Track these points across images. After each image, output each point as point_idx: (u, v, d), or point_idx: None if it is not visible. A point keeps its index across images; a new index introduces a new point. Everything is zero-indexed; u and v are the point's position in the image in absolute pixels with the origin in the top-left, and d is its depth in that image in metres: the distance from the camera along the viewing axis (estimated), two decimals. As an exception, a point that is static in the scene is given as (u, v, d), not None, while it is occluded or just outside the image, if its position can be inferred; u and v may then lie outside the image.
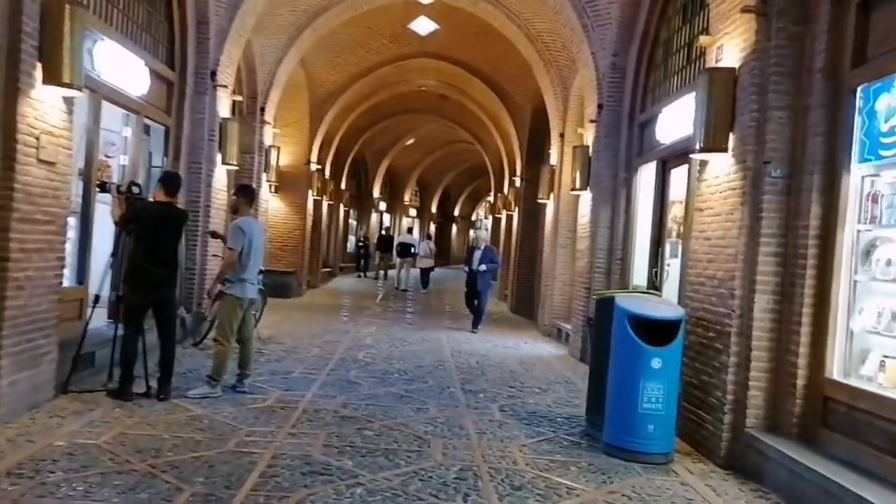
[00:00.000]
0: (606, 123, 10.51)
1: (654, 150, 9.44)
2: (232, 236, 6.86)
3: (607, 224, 10.48)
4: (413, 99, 22.88)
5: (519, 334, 13.46)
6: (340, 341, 10.80)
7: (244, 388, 6.97)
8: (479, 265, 13.22)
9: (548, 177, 13.97)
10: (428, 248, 23.86)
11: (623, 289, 10.11)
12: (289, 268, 16.97)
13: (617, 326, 5.82)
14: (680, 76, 8.90)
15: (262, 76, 12.52)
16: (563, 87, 13.37)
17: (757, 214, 5.62)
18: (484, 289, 13.44)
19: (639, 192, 10.19)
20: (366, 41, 16.82)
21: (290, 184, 16.96)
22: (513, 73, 17.44)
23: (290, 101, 16.61)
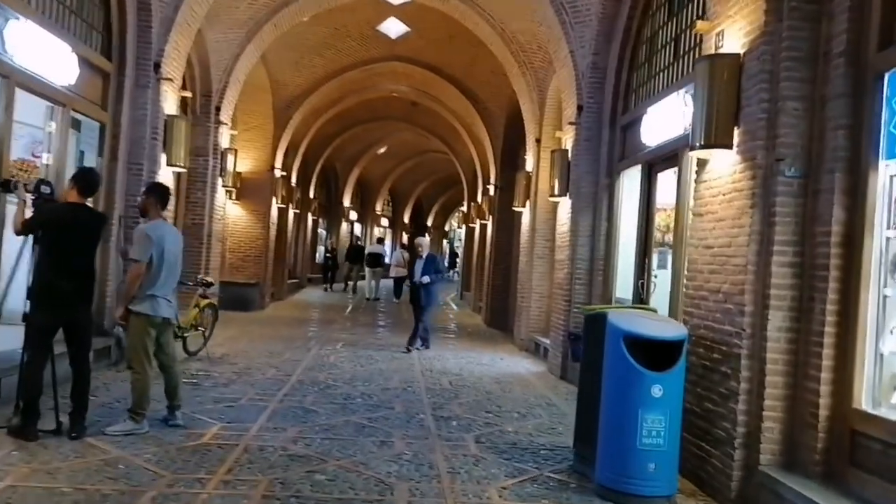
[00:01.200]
0: (586, 126, 9.78)
1: (638, 153, 8.72)
2: (137, 245, 5.79)
3: (588, 232, 9.72)
4: (384, 105, 22.08)
5: (495, 349, 12.64)
6: (301, 360, 9.88)
7: (178, 420, 6.01)
8: (421, 276, 11.49)
9: (524, 184, 13.20)
10: (402, 258, 23.09)
11: (606, 302, 9.36)
12: (250, 279, 15.99)
13: (610, 347, 5.02)
14: (666, 74, 8.19)
15: (217, 73, 11.61)
16: (539, 90, 12.63)
17: (769, 219, 4.86)
18: (428, 304, 11.66)
19: (622, 198, 9.47)
20: (333, 42, 15.99)
21: (252, 190, 16.03)
22: (486, 78, 16.74)
23: (252, 103, 15.71)
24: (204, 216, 11.67)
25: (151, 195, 6.06)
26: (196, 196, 11.73)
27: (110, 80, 8.52)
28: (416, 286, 11.60)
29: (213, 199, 11.88)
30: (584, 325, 5.66)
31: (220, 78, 11.69)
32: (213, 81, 11.58)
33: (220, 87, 11.71)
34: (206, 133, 11.65)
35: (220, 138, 11.92)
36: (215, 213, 11.99)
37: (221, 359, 9.51)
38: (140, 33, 8.69)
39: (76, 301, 5.39)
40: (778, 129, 4.85)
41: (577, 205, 9.80)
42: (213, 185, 11.87)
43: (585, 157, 9.77)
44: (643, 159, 8.50)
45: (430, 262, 11.64)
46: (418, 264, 11.66)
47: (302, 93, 16.64)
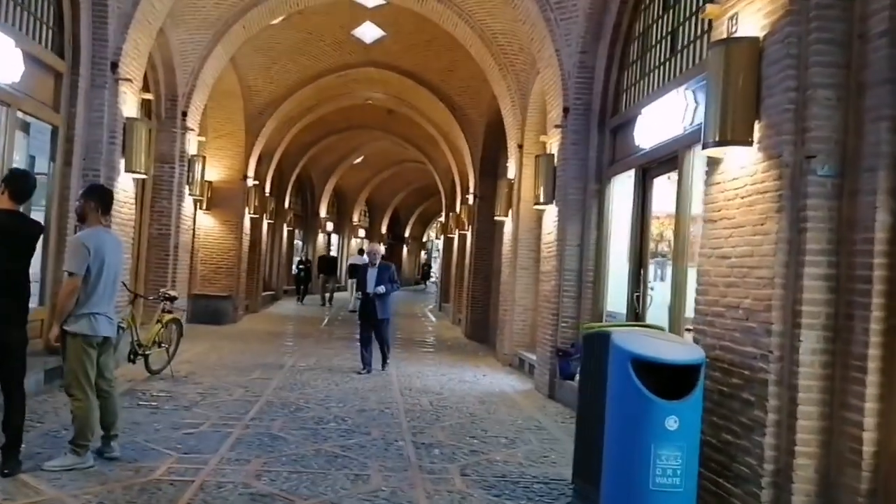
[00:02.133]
0: (574, 129, 9.11)
1: (631, 157, 8.06)
2: (71, 256, 4.97)
3: (576, 242, 9.04)
4: (359, 114, 21.34)
5: (476, 364, 11.89)
6: (272, 378, 9.06)
7: (114, 452, 5.15)
8: (375, 287, 10.23)
9: (505, 192, 12.51)
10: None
11: (597, 316, 8.68)
12: (222, 292, 15.11)
13: (616, 372, 4.30)
14: (662, 71, 7.55)
15: (183, 76, 10.79)
16: (521, 94, 11.96)
17: (798, 225, 4.18)
18: (385, 316, 10.38)
19: (612, 205, 8.81)
20: (305, 47, 15.23)
21: (223, 200, 15.17)
22: (464, 84, 16.08)
23: (223, 109, 14.90)
24: (170, 226, 10.82)
25: (91, 199, 5.14)
26: (161, 205, 10.88)
27: (63, 79, 7.72)
28: (369, 298, 10.30)
29: (179, 208, 11.03)
30: (584, 346, 4.95)
31: (187, 81, 10.87)
32: (178, 84, 10.76)
33: (187, 90, 10.89)
34: (172, 139, 10.82)
35: (187, 145, 11.09)
36: (182, 224, 11.15)
37: (186, 378, 8.67)
38: (95, 30, 7.89)
39: (5, 321, 4.56)
40: (807, 122, 4.17)
41: (565, 213, 9.12)
42: (180, 194, 11.03)
43: (573, 161, 9.10)
44: (637, 163, 7.85)
45: (384, 271, 10.42)
46: (371, 273, 10.36)
47: (275, 99, 15.84)
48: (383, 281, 10.25)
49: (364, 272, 10.43)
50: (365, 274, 10.40)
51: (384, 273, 10.35)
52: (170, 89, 10.78)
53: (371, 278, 10.29)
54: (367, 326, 10.33)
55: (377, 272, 10.33)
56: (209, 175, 15.00)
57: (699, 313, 5.09)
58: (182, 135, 10.92)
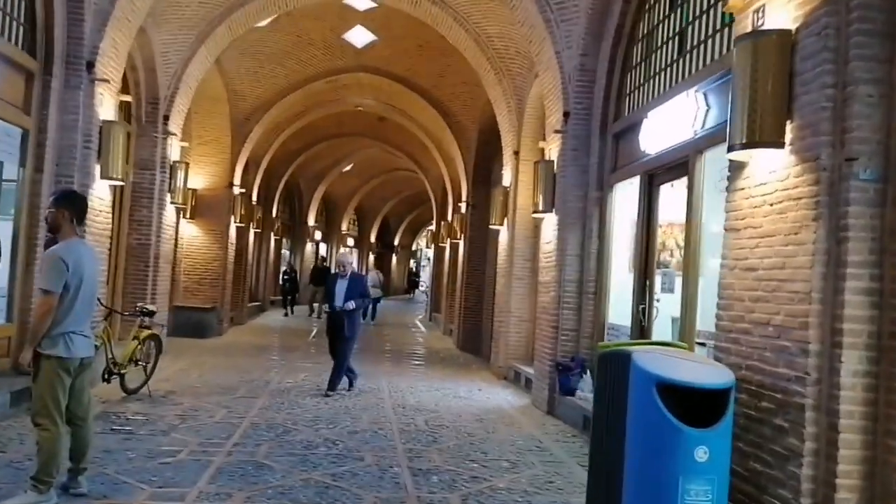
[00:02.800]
0: (574, 134, 8.75)
1: (635, 163, 7.70)
2: (47, 272, 4.48)
3: (576, 251, 8.66)
4: (349, 120, 20.95)
5: (470, 377, 11.47)
6: (257, 397, 8.60)
7: (81, 487, 4.65)
8: (344, 301, 9.08)
9: (500, 199, 12.12)
10: (376, 279, 22.01)
11: (599, 329, 8.30)
12: (206, 303, 14.62)
13: (637, 396, 3.90)
14: (669, 73, 7.20)
15: (165, 78, 10.34)
16: (517, 99, 11.60)
17: (838, 234, 3.81)
18: (352, 335, 9.21)
19: (614, 213, 8.45)
20: (294, 51, 14.82)
21: (208, 209, 14.70)
22: (457, 89, 15.73)
23: (208, 115, 14.46)
24: (150, 236, 10.35)
25: (64, 207, 4.62)
26: (141, 214, 10.40)
27: (34, 79, 7.27)
28: (336, 313, 9.15)
29: (160, 216, 10.56)
30: (598, 366, 4.54)
31: (169, 83, 10.42)
32: (160, 87, 10.31)
33: (169, 93, 10.44)
34: (153, 144, 10.36)
35: (168, 150, 10.63)
36: (164, 233, 10.67)
37: (165, 398, 8.20)
38: (70, 27, 7.45)
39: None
40: (847, 121, 3.81)
41: (565, 221, 8.74)
42: (161, 202, 10.56)
43: (573, 168, 8.73)
44: (642, 169, 7.49)
45: (354, 283, 9.28)
46: (340, 285, 9.15)
47: (262, 105, 15.41)
48: (354, 295, 9.12)
49: (333, 284, 9.30)
50: (334, 286, 9.25)
51: (356, 286, 9.26)
52: (151, 92, 10.32)
53: (340, 291, 9.12)
54: (335, 343, 9.33)
55: (347, 284, 9.17)
56: (193, 182, 14.54)
57: (721, 330, 4.70)
58: (163, 140, 10.46)
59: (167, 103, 10.44)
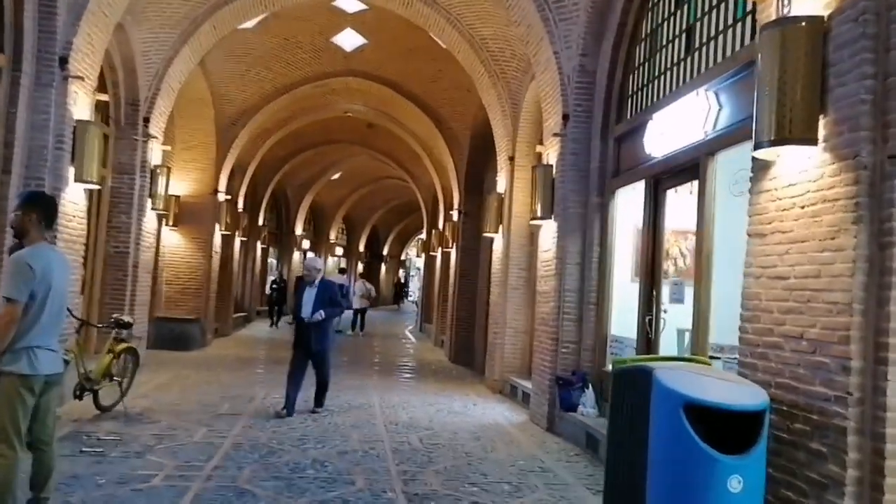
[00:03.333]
0: (574, 137, 8.42)
1: (639, 167, 7.38)
2: (12, 278, 4.05)
3: (577, 260, 8.31)
4: (338, 127, 20.57)
5: (464, 391, 11.07)
6: (240, 414, 8.18)
7: (41, 519, 4.27)
8: (311, 312, 8.20)
9: (495, 207, 11.76)
10: (364, 288, 21.60)
11: (601, 341, 7.95)
12: (190, 314, 14.15)
13: (662, 419, 3.55)
14: (676, 73, 6.89)
15: (146, 78, 9.93)
16: (512, 103, 11.27)
17: (881, 239, 3.48)
18: (322, 348, 8.42)
19: (617, 220, 8.11)
20: (282, 54, 14.45)
21: (192, 216, 14.26)
22: (449, 95, 15.40)
23: (192, 119, 14.06)
24: (129, 243, 9.91)
25: (32, 210, 4.21)
26: (119, 220, 9.96)
27: (1, 76, 6.85)
28: (304, 325, 8.28)
29: (140, 223, 10.13)
30: (614, 384, 4.17)
31: (150, 84, 10.01)
32: (140, 88, 9.89)
33: (150, 94, 10.03)
34: (133, 147, 9.94)
35: (149, 154, 10.20)
36: (143, 240, 10.23)
37: (142, 415, 7.76)
38: (42, 20, 7.03)
39: None
40: (890, 115, 3.48)
41: (564, 228, 8.39)
42: (141, 208, 10.13)
43: (573, 173, 8.39)
44: (647, 173, 7.16)
45: (325, 290, 8.35)
46: (308, 294, 8.28)
47: (248, 109, 15.01)
48: (324, 303, 8.22)
49: (300, 292, 8.42)
50: (301, 294, 8.39)
51: (326, 293, 8.33)
52: (130, 92, 9.90)
53: (308, 300, 8.23)
54: (302, 358, 8.41)
55: (317, 292, 8.26)
56: (176, 189, 14.11)
57: (746, 344, 4.34)
58: (144, 143, 10.04)
59: (148, 105, 10.03)
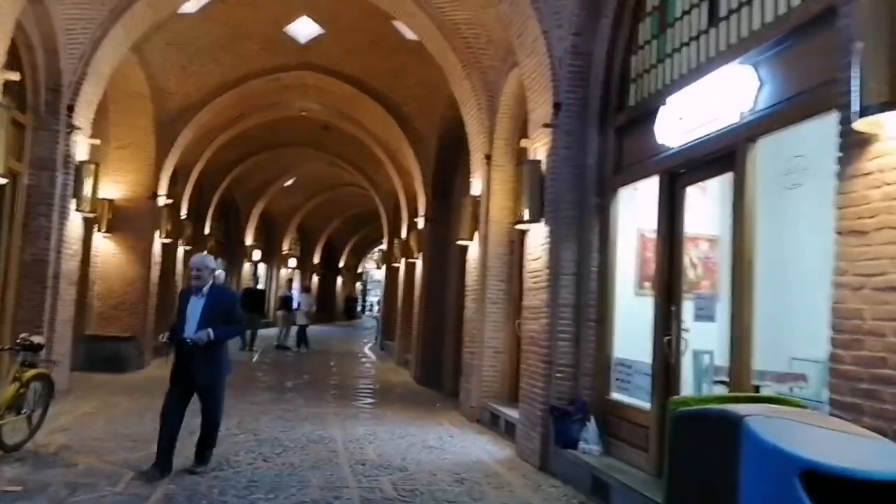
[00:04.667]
0: (567, 129, 7.46)
1: (648, 160, 6.46)
2: None
3: (572, 269, 7.33)
4: (291, 129, 19.38)
5: (437, 419, 9.97)
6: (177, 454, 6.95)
7: None
8: (196, 329, 6.02)
9: (469, 211, 10.73)
10: (308, 302, 20.45)
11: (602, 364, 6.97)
12: (125, 332, 12.78)
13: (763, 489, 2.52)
14: (696, 47, 5.97)
15: (69, 61, 8.67)
16: (488, 96, 10.27)
17: None
18: (212, 381, 6.26)
19: (619, 223, 7.16)
20: (230, 45, 13.26)
21: (127, 222, 12.92)
22: (415, 91, 14.39)
23: (128, 114, 12.78)
24: (49, 250, 8.59)
25: None
26: (38, 223, 8.64)
27: None
28: (187, 347, 6.01)
29: (62, 227, 8.81)
30: (675, 434, 3.14)
31: (75, 67, 8.74)
32: (63, 71, 8.62)
33: (75, 79, 8.76)
34: (54, 139, 8.65)
35: (73, 147, 8.91)
36: (66, 247, 8.91)
37: (56, 455, 6.50)
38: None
39: None
40: None
41: (557, 233, 7.40)
42: (64, 210, 8.82)
43: (566, 169, 7.43)
44: (660, 168, 6.23)
45: (218, 301, 6.14)
46: (194, 305, 6.08)
47: (192, 105, 13.76)
48: (214, 319, 6.02)
49: (184, 302, 6.22)
50: (185, 306, 6.17)
51: (219, 305, 6.12)
52: (52, 77, 8.62)
53: (193, 314, 6.04)
54: (182, 394, 6.20)
55: (205, 304, 6.06)
56: (110, 192, 12.81)
57: (841, 377, 3.37)
58: (67, 134, 8.75)
59: (72, 91, 8.76)
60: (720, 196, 7.05)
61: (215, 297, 6.20)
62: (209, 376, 6.20)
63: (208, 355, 6.10)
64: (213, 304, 6.12)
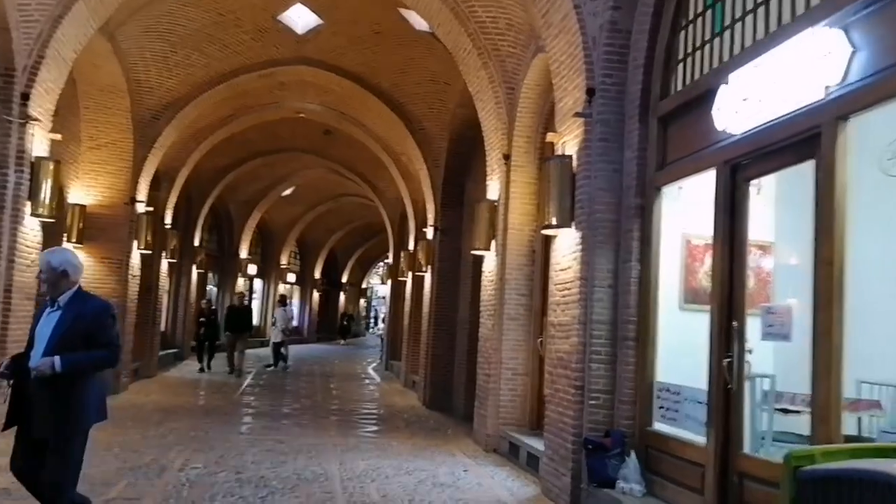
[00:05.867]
0: (603, 119, 6.75)
1: (702, 151, 5.76)
2: None
3: (608, 280, 6.60)
4: (289, 133, 18.78)
5: (448, 449, 9.18)
6: (140, 499, 6.19)
7: None
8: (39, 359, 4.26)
9: (485, 218, 9.98)
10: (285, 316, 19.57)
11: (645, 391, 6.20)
12: (98, 353, 12.02)
13: None
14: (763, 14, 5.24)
15: (23, 42, 7.91)
16: (507, 87, 9.56)
17: None
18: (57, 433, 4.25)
19: (663, 226, 6.41)
20: (217, 34, 12.60)
21: (101, 231, 12.17)
22: (423, 89, 13.71)
23: (102, 111, 12.12)
24: (0, 259, 7.86)
25: None
26: (-15, 228, 7.91)
27: None
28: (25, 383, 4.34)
29: (15, 234, 8.04)
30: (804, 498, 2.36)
31: (30, 49, 8.02)
32: (16, 53, 7.89)
33: (30, 62, 8.02)
34: (5, 132, 7.90)
35: (28, 141, 8.17)
36: (19, 257, 8.13)
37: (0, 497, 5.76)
38: None
39: None
40: None
41: (590, 239, 6.66)
42: (17, 214, 8.03)
43: (602, 165, 6.71)
44: (718, 159, 5.51)
45: (78, 316, 4.37)
46: (46, 322, 4.42)
47: (175, 101, 13.08)
48: (69, 342, 4.29)
49: (36, 320, 4.60)
50: (36, 322, 4.60)
51: (78, 320, 4.35)
52: (2, 60, 7.89)
53: (42, 335, 4.40)
54: (25, 449, 4.36)
55: (60, 319, 4.37)
56: (83, 197, 12.12)
57: None
58: (20, 126, 7.98)
59: (26, 76, 8.01)
60: (775, 196, 6.36)
61: (75, 310, 4.38)
62: (52, 425, 4.25)
63: (56, 394, 4.24)
64: (69, 321, 4.34)
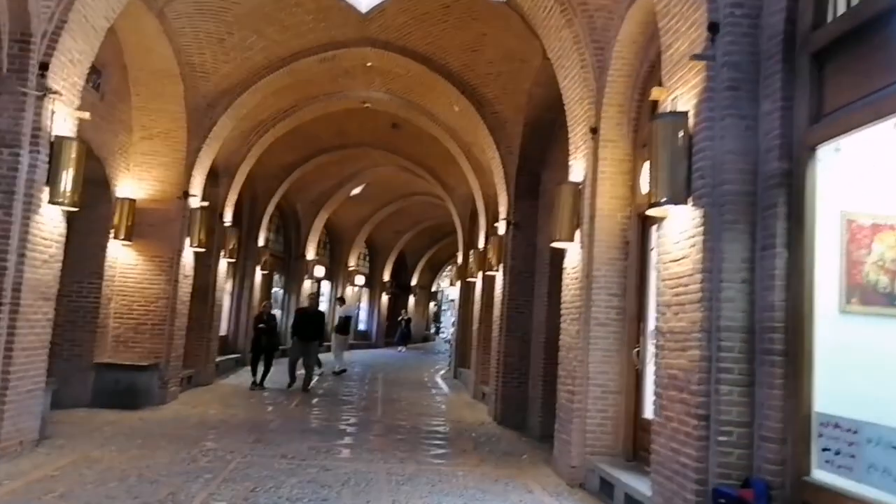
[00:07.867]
0: (731, 62, 5.04)
1: (884, 91, 3.95)
2: None
3: (742, 274, 4.88)
4: (356, 126, 17.45)
5: (524, 481, 7.53)
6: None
7: None
8: None
9: (568, 203, 8.26)
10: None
11: (802, 423, 4.44)
12: (144, 359, 10.81)
13: None
14: None
15: (42, 4, 6.70)
16: (595, 48, 7.89)
17: None
18: None
19: (819, 201, 4.64)
20: (276, 14, 11.30)
21: (152, 228, 11.04)
22: (496, 68, 12.15)
23: (154, 97, 10.99)
24: (8, 253, 6.59)
25: None
26: (-6, 218, 6.69)
27: None
28: None
29: (28, 223, 6.79)
30: None
31: (51, 12, 6.81)
32: (32, 17, 6.69)
33: (51, 27, 6.82)
34: (18, 106, 6.68)
35: (46, 117, 6.94)
36: (33, 250, 6.89)
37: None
38: None
39: None
40: None
41: (716, 220, 4.94)
42: (30, 199, 6.80)
43: (730, 122, 5.00)
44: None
45: None
46: None
47: (232, 87, 11.87)
48: None
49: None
50: None
51: None
52: (18, 24, 6.69)
53: None
54: None
55: None
56: (133, 191, 10.98)
57: None
58: (37, 100, 6.78)
59: (45, 43, 6.81)
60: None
61: None
62: None
63: None
64: None
